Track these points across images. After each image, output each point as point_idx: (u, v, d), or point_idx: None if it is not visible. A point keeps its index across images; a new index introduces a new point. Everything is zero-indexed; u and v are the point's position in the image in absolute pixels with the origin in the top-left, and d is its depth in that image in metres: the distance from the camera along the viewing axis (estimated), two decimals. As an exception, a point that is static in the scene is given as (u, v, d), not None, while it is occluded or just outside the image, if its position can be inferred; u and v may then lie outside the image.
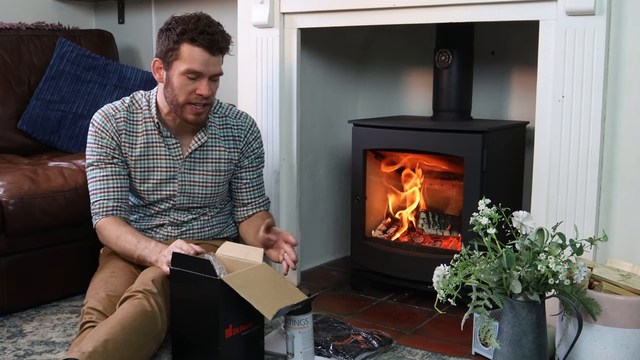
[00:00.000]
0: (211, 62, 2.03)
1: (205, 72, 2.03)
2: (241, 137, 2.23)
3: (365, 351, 1.94)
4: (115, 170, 2.11)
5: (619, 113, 1.92)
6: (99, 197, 2.10)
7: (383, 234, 2.57)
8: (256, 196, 2.30)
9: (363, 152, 2.48)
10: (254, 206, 2.29)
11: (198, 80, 2.03)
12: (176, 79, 2.04)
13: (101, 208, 2.09)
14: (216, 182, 2.20)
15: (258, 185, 2.30)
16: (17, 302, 2.31)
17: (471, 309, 1.64)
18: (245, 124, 2.24)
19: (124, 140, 2.12)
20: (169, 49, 2.03)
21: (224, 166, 2.20)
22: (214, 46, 2.01)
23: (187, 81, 2.03)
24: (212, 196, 2.21)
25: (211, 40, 2.01)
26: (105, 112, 2.13)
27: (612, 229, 1.94)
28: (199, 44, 2.00)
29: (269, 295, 1.78)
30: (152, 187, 2.15)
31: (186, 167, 2.16)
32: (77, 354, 1.62)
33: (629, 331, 1.68)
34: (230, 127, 2.22)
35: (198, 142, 2.15)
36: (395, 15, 2.26)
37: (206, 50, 2.01)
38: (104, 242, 2.12)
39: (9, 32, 3.01)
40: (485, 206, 1.64)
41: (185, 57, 2.01)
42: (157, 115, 2.13)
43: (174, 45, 2.01)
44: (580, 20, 1.91)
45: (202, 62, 2.01)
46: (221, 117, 2.22)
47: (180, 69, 2.02)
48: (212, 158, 2.19)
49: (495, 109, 2.63)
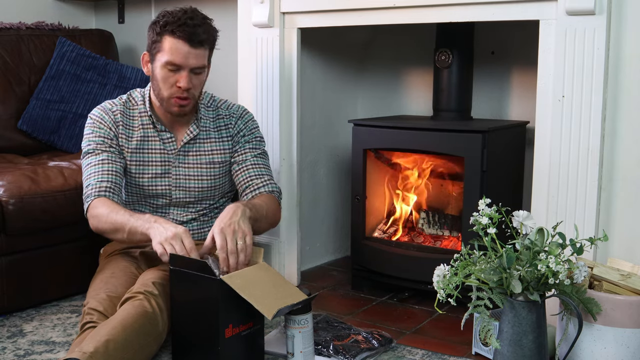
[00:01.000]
0: (192, 55, 2.01)
1: (184, 64, 2.02)
2: (232, 124, 2.23)
3: (366, 351, 1.94)
4: (111, 157, 2.09)
5: (619, 113, 1.92)
6: (92, 180, 2.04)
7: (383, 234, 2.57)
8: (252, 176, 2.17)
9: (363, 152, 2.48)
10: (252, 188, 2.15)
11: (179, 73, 2.03)
12: (158, 71, 2.05)
13: (93, 189, 2.03)
14: (211, 174, 2.19)
15: (253, 165, 2.18)
16: (17, 301, 2.30)
17: (471, 308, 1.64)
18: (236, 113, 2.24)
19: (121, 132, 2.13)
20: (153, 41, 2.05)
21: (218, 158, 2.20)
22: (195, 39, 2.00)
23: (169, 73, 2.03)
24: (209, 189, 2.20)
25: (192, 33, 2.00)
26: (103, 107, 2.17)
27: (612, 228, 1.94)
28: (178, 35, 1.99)
29: (268, 295, 1.78)
30: (148, 182, 2.15)
31: (180, 161, 2.16)
32: (78, 354, 1.62)
33: (629, 331, 1.68)
34: (222, 117, 2.23)
35: (190, 135, 2.16)
36: (396, 15, 2.26)
37: (186, 42, 2.00)
38: (94, 224, 2.02)
39: (9, 32, 3.00)
40: (486, 206, 1.64)
41: (166, 49, 2.01)
42: (150, 109, 2.15)
43: (157, 38, 2.03)
44: (581, 20, 1.91)
45: (181, 54, 2.00)
46: (214, 109, 2.23)
47: (162, 61, 2.03)
48: (205, 150, 2.19)
49: (495, 109, 2.63)
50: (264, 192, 2.15)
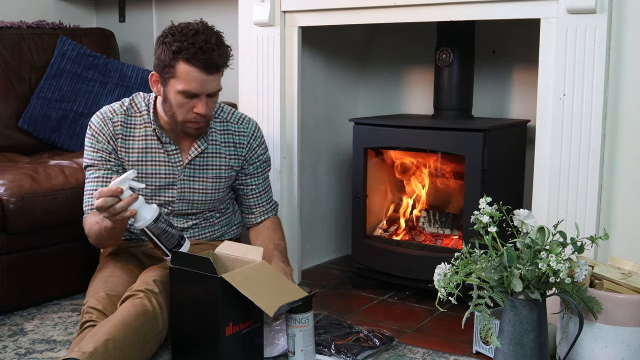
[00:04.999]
0: (208, 81, 1.96)
1: (202, 92, 1.96)
2: (243, 144, 2.17)
3: (367, 349, 1.94)
4: (109, 174, 2.07)
5: (620, 111, 1.91)
6: (88, 197, 2.07)
7: (384, 233, 2.57)
8: (263, 201, 2.26)
9: (364, 151, 2.48)
10: (261, 212, 2.26)
11: (196, 99, 1.97)
12: (173, 97, 1.98)
13: (87, 206, 2.07)
14: (216, 188, 2.16)
15: (265, 190, 2.26)
16: (18, 300, 2.31)
17: (472, 307, 1.64)
18: (248, 130, 2.18)
19: (120, 145, 2.08)
20: (165, 66, 1.96)
21: (224, 172, 2.16)
22: (211, 66, 1.94)
23: (184, 99, 1.97)
24: (212, 202, 2.18)
25: (208, 60, 1.92)
26: (102, 115, 2.09)
27: (613, 227, 1.94)
28: (194, 64, 1.92)
29: (269, 293, 1.78)
30: (151, 193, 2.10)
31: (186, 175, 2.12)
32: (78, 354, 1.62)
33: (630, 329, 1.68)
34: (232, 133, 2.16)
35: (198, 149, 2.11)
36: (396, 13, 2.26)
37: (202, 71, 1.93)
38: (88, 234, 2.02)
39: (10, 31, 3.00)
40: (486, 204, 1.64)
41: (181, 76, 1.94)
42: (155, 121, 2.08)
43: (170, 62, 1.94)
44: (582, 19, 1.91)
45: (198, 82, 1.94)
46: (222, 122, 2.16)
47: (177, 88, 1.95)
48: (212, 165, 2.14)
49: (496, 107, 2.63)
50: (272, 215, 2.29)
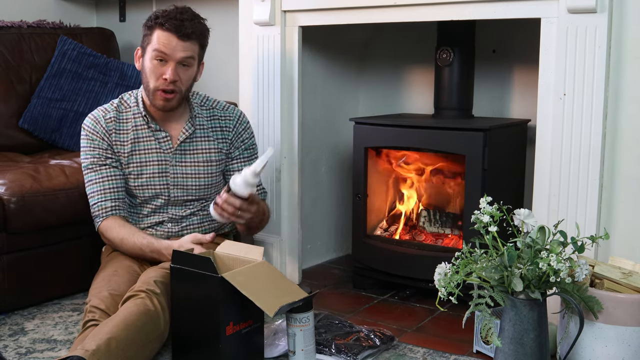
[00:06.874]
0: (179, 47, 2.07)
1: (171, 55, 2.07)
2: (230, 128, 2.25)
3: (368, 349, 1.94)
4: (110, 172, 2.15)
5: (621, 111, 1.91)
6: (97, 200, 2.14)
7: (384, 232, 2.57)
8: None
9: (364, 150, 2.48)
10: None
11: (166, 65, 2.08)
12: (147, 63, 2.11)
13: (100, 210, 2.13)
14: (208, 172, 2.21)
15: None
16: (19, 300, 2.31)
17: (472, 306, 1.64)
18: (233, 115, 2.27)
19: (114, 140, 2.16)
20: (144, 36, 2.12)
21: (214, 156, 2.22)
22: (183, 30, 2.06)
23: (157, 65, 2.08)
24: (206, 187, 2.22)
25: (180, 25, 2.06)
26: (94, 116, 2.19)
27: (613, 227, 1.94)
28: (167, 27, 2.06)
29: (270, 293, 1.78)
30: (146, 182, 2.17)
31: (177, 159, 2.18)
32: (81, 352, 1.63)
33: (630, 329, 1.68)
34: (218, 118, 2.25)
35: (186, 133, 2.18)
36: (397, 13, 2.26)
37: (174, 34, 2.06)
38: (109, 244, 2.17)
39: (10, 30, 3.00)
40: (487, 204, 1.64)
41: (154, 40, 2.08)
42: (144, 109, 2.17)
43: (148, 31, 2.11)
44: (582, 18, 1.91)
45: (168, 44, 2.06)
46: (209, 109, 2.26)
47: (150, 52, 2.09)
48: (201, 148, 2.21)
49: (496, 107, 2.63)
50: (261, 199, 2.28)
